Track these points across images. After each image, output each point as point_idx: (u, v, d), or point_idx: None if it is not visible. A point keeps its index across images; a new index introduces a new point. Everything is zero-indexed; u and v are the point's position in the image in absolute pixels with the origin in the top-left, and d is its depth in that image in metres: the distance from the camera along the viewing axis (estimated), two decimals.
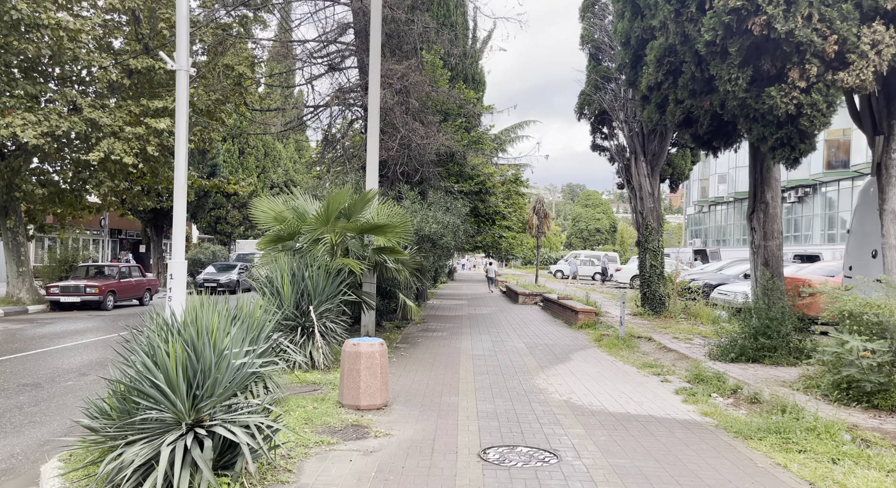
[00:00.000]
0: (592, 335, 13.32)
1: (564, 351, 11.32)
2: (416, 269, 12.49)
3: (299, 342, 8.77)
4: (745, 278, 18.28)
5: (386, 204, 11.62)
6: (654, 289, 15.09)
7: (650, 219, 15.31)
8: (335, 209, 9.69)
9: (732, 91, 6.85)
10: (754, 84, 6.83)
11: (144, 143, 16.84)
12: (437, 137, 14.23)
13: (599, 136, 16.90)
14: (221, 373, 4.42)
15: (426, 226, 13.00)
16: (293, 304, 8.85)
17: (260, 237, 10.72)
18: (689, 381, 8.37)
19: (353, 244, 10.79)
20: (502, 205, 21.51)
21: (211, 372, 4.36)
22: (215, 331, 4.53)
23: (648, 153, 15.27)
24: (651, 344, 11.64)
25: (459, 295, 28.20)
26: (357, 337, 12.62)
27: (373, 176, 12.32)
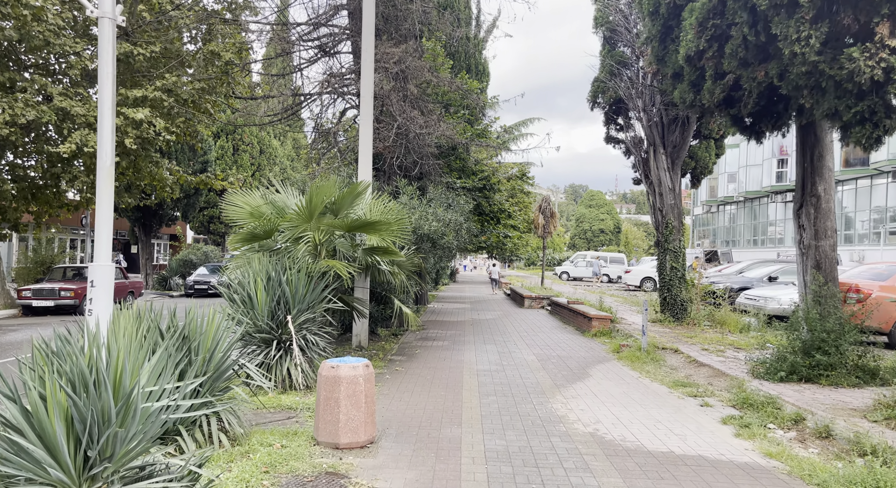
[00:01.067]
0: (610, 345, 12.01)
1: (581, 365, 10.02)
2: (414, 272, 11.20)
3: (274, 358, 7.47)
4: (771, 281, 16.96)
5: (380, 199, 10.35)
6: (675, 294, 13.78)
7: (670, 216, 14.01)
8: (320, 203, 8.41)
9: (801, 54, 5.57)
10: (828, 45, 5.56)
11: (122, 135, 15.58)
12: (438, 126, 12.94)
13: (614, 128, 15.60)
14: (127, 424, 3.13)
15: (425, 224, 11.70)
16: (267, 314, 7.56)
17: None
18: (736, 406, 7.06)
19: (341, 244, 9.51)
20: (507, 203, 20.22)
21: (111, 423, 3.07)
22: (119, 363, 3.23)
23: (668, 145, 13.96)
24: (678, 356, 10.33)
25: (462, 298, 26.91)
26: (347, 350, 11.33)
27: (366, 167, 11.03)
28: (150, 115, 15.30)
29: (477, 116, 19.09)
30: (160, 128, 15.55)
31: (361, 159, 11.04)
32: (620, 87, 14.16)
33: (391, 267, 10.05)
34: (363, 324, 11.18)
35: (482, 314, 19.07)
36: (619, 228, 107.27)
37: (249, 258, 7.89)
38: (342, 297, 9.78)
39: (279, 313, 7.65)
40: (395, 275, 9.90)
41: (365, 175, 10.96)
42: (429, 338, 13.15)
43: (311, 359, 7.77)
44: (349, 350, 11.15)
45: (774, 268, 17.31)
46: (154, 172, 18.46)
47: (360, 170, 11.02)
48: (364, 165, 11.05)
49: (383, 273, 9.69)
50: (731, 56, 6.52)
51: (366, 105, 11.03)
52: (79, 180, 16.23)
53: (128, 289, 19.46)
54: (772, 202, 43.59)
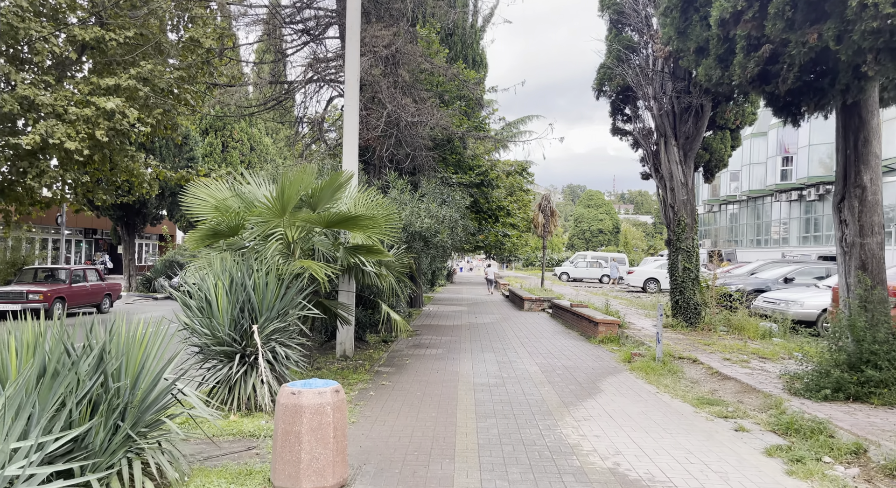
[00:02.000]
0: (620, 354, 10.96)
1: (590, 377, 8.96)
2: (404, 273, 10.14)
3: (237, 374, 6.40)
4: (787, 283, 15.94)
5: (367, 192, 9.31)
6: (688, 297, 12.74)
7: (683, 213, 12.96)
8: (294, 196, 7.34)
9: (872, 5, 4.55)
10: None
11: (93, 127, 14.50)
12: (432, 114, 11.88)
13: (621, 118, 14.56)
14: None
15: (417, 221, 10.65)
16: (229, 323, 6.50)
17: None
18: (778, 432, 6.01)
19: (321, 242, 8.44)
20: (507, 200, 19.16)
21: None
22: None
23: (681, 135, 12.92)
24: (698, 367, 9.28)
25: (459, 299, 25.86)
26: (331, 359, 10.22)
27: (351, 156, 9.98)
28: (121, 104, 14.21)
29: (474, 109, 18.05)
30: (133, 118, 14.46)
31: (346, 148, 9.98)
32: (628, 74, 13.12)
33: (378, 268, 9.00)
34: (348, 332, 10.12)
35: (480, 317, 18.01)
36: (618, 228, 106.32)
37: (210, 258, 6.82)
38: (323, 302, 8.73)
39: (243, 322, 6.58)
40: (383, 278, 8.84)
41: (350, 165, 9.91)
42: (422, 344, 12.09)
43: (281, 374, 6.70)
44: (333, 359, 10.08)
45: (790, 269, 16.28)
46: (132, 168, 17.37)
47: (344, 160, 9.97)
48: (349, 155, 9.99)
49: (369, 275, 8.63)
50: (776, 17, 5.50)
51: (351, 87, 9.97)
52: (47, 175, 15.13)
53: (104, 292, 18.36)
54: (776, 201, 42.64)
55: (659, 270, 29.08)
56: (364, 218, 7.68)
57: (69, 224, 33.17)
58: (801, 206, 39.85)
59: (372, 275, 8.62)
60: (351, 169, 10.00)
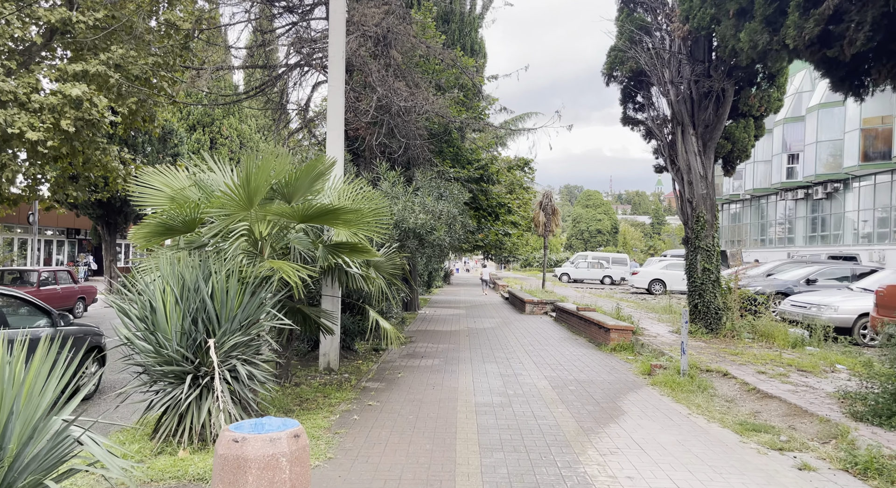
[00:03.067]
0: (636, 365, 9.83)
1: (608, 394, 7.82)
2: (396, 275, 8.99)
3: (186, 400, 5.24)
4: (809, 284, 14.83)
5: (354, 184, 8.17)
6: (708, 301, 11.61)
7: (702, 209, 11.84)
8: (263, 184, 6.18)
9: None
10: None
11: (59, 116, 13.32)
12: (427, 98, 10.72)
13: (632, 107, 13.43)
14: None
15: (411, 217, 9.50)
16: (179, 337, 5.33)
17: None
18: (853, 471, 4.88)
19: (298, 240, 7.28)
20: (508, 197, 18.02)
21: None
22: None
23: (699, 124, 11.80)
24: (729, 382, 8.14)
25: (456, 302, 24.71)
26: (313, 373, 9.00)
27: (336, 142, 8.84)
28: (88, 91, 13.03)
29: (472, 100, 16.90)
30: (102, 107, 13.29)
31: (330, 133, 8.84)
32: (641, 57, 12.00)
33: (365, 269, 7.85)
34: (332, 342, 8.97)
35: (479, 321, 16.87)
36: (617, 229, 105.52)
37: (159, 258, 5.66)
38: (302, 309, 7.57)
39: (197, 335, 5.42)
40: (371, 280, 7.68)
41: (335, 152, 8.76)
42: (417, 353, 10.94)
43: (244, 398, 5.54)
44: (315, 373, 8.93)
45: (812, 270, 15.18)
46: (106, 162, 16.18)
47: (329, 146, 8.83)
48: (334, 141, 8.85)
49: (354, 277, 7.47)
50: None
51: (335, 65, 8.83)
52: (8, 169, 13.94)
53: (76, 296, 17.15)
54: (781, 200, 41.62)
55: (665, 271, 28.00)
56: (347, 211, 6.53)
57: (51, 223, 31.92)
58: (808, 205, 38.82)
59: (357, 278, 7.47)
60: (335, 156, 8.85)
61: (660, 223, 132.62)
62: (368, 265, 8.33)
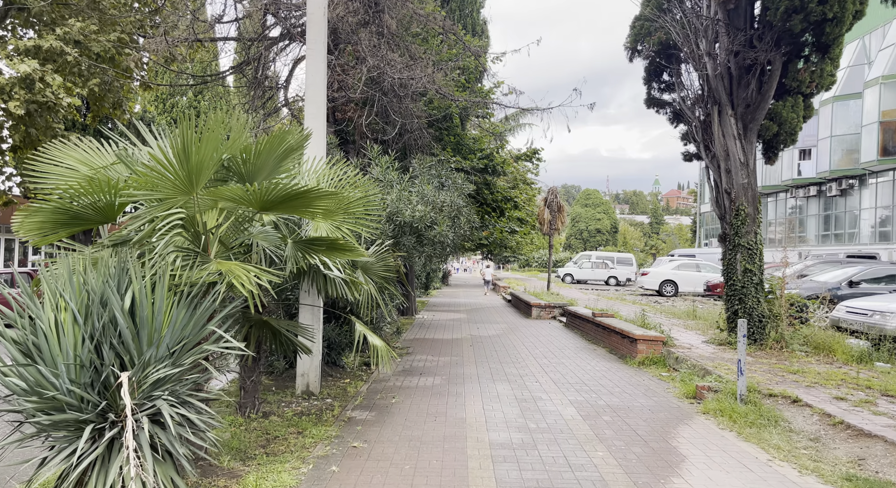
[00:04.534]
0: (677, 385, 8.28)
1: (655, 428, 6.26)
2: (390, 279, 7.42)
3: (87, 460, 3.64)
4: (852, 287, 13.29)
5: (337, 166, 6.62)
6: (750, 307, 10.05)
7: (742, 200, 10.28)
8: (209, 159, 4.59)
9: None
10: None
11: (7, 98, 11.71)
12: (425, 72, 9.14)
13: (658, 86, 11.88)
14: None
15: (407, 209, 7.93)
16: (77, 371, 3.74)
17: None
18: None
19: (263, 234, 5.68)
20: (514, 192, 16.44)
21: None
22: None
23: (739, 103, 10.25)
24: (804, 412, 6.57)
25: (456, 305, 23.14)
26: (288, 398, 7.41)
27: (316, 115, 7.27)
28: (40, 68, 11.43)
29: (475, 84, 15.32)
30: (56, 86, 11.68)
31: (310, 105, 7.27)
32: (672, 27, 10.44)
33: (350, 272, 6.27)
34: (312, 360, 7.38)
35: (483, 327, 15.30)
36: (616, 228, 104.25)
37: (52, 259, 4.06)
38: (271, 322, 5.99)
39: (104, 368, 3.82)
40: (357, 286, 6.09)
41: (314, 126, 7.18)
42: (414, 369, 9.36)
43: (172, 457, 3.94)
44: (291, 397, 7.35)
45: (854, 271, 13.65)
46: None
47: (307, 120, 7.26)
48: (314, 114, 7.27)
49: (334, 282, 5.88)
50: None
51: (315, 20, 7.23)
52: None
53: None
54: (791, 197, 40.14)
55: (676, 272, 26.51)
56: (323, 195, 4.92)
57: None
58: (820, 202, 37.35)
59: (338, 283, 5.88)
60: (315, 130, 7.27)
61: (658, 223, 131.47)
62: (355, 267, 6.75)
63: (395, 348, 11.37)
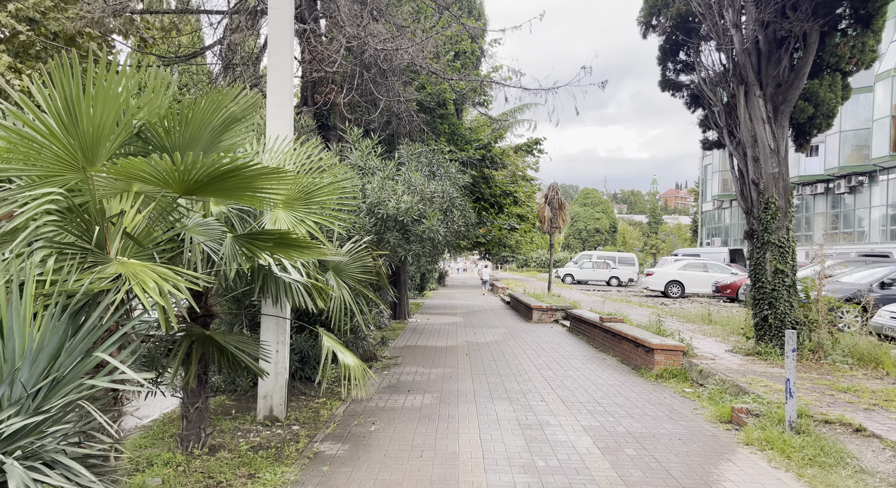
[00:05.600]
0: (705, 404, 7.10)
1: (690, 464, 5.08)
2: (368, 282, 6.22)
3: None
4: (884, 288, 12.14)
5: (306, 145, 5.45)
6: (782, 312, 8.88)
7: (772, 192, 9.11)
8: (111, 122, 3.39)
9: None
10: None
11: None
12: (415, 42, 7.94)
13: (674, 67, 10.70)
14: None
15: (391, 200, 6.74)
16: None
17: None
18: None
19: (199, 228, 4.47)
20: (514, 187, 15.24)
21: None
22: None
23: (769, 82, 9.08)
24: (872, 444, 5.39)
25: (452, 308, 21.94)
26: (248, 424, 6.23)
27: (281, 87, 6.10)
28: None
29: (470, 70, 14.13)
30: (3, 67, 10.47)
31: (273, 74, 6.08)
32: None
33: (317, 274, 5.07)
34: (276, 380, 6.19)
35: (480, 333, 14.11)
36: (615, 227, 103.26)
37: None
38: (215, 338, 4.79)
39: None
40: (320, 292, 4.89)
41: (279, 100, 6.00)
42: (401, 384, 8.16)
43: None
44: (250, 424, 6.15)
45: (885, 272, 12.49)
46: None
47: (271, 92, 6.07)
48: (279, 85, 6.08)
49: (290, 288, 4.68)
50: None
51: None
52: None
53: None
54: (798, 194, 39.02)
55: (683, 272, 25.35)
56: (265, 175, 3.70)
57: None
58: (828, 200, 36.26)
59: (295, 288, 4.68)
60: (280, 104, 6.09)
61: (657, 222, 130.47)
62: (324, 269, 5.55)
63: (381, 359, 10.18)
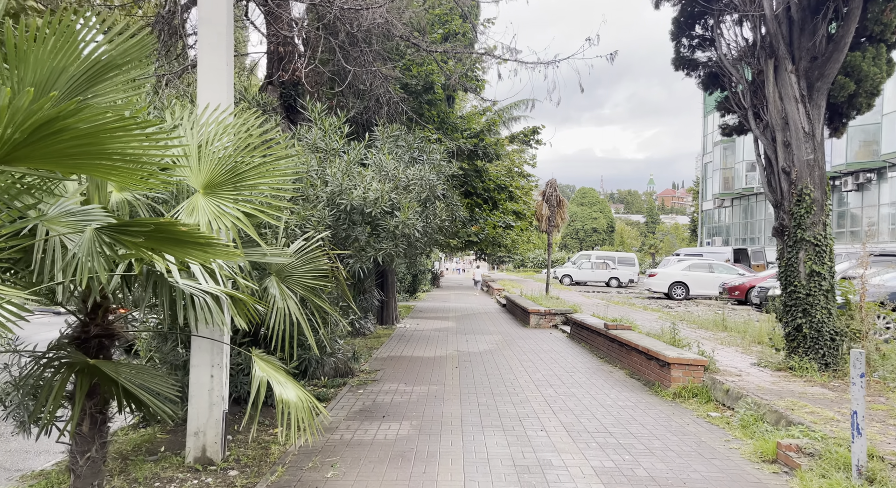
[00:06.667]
0: (740, 436, 5.87)
1: None
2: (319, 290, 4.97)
3: None
4: None
5: (246, 115, 4.22)
6: (819, 321, 7.66)
7: (807, 182, 7.89)
8: None
9: None
10: None
11: None
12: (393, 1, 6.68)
13: (688, 42, 9.48)
14: None
15: (357, 188, 5.49)
16: None
17: None
18: None
19: (62, 218, 3.18)
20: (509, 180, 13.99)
21: None
22: None
23: (803, 55, 7.87)
24: None
25: (445, 311, 20.69)
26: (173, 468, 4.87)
27: (216, 43, 4.86)
28: None
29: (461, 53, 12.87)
30: None
31: (205, 26, 4.84)
32: None
33: (249, 280, 3.83)
34: (211, 412, 4.93)
35: (473, 340, 12.87)
36: (613, 227, 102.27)
37: None
38: (102, 368, 3.52)
39: None
40: (247, 306, 3.64)
41: (212, 60, 4.75)
42: (376, 408, 6.91)
43: None
44: (174, 471, 4.89)
45: None
46: None
47: (202, 46, 4.85)
48: (211, 41, 4.83)
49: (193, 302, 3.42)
50: None
51: None
52: None
53: None
54: None
55: (687, 273, 24.16)
56: (134, 132, 2.45)
57: None
58: (834, 198, 35.12)
59: (202, 301, 3.42)
60: (213, 66, 4.85)
61: (654, 222, 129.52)
62: (263, 273, 4.31)
63: (358, 374, 8.93)
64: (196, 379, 4.91)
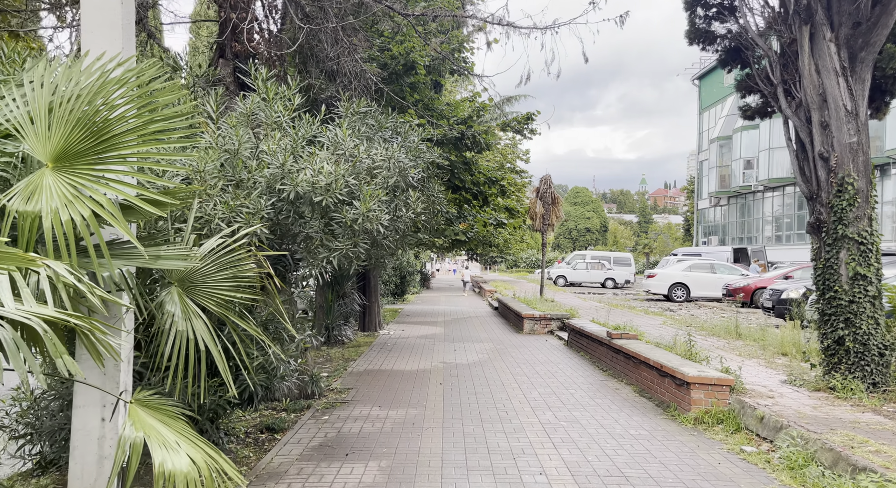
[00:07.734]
0: (792, 483, 4.68)
1: None
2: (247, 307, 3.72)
3: None
4: None
5: (146, 64, 2.94)
6: (865, 333, 6.51)
7: (849, 168, 6.73)
8: None
9: None
10: None
11: None
12: None
13: (705, 12, 8.30)
14: None
15: (302, 172, 4.24)
16: None
17: None
18: None
19: None
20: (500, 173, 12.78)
21: None
22: None
23: (844, 20, 6.71)
24: None
25: (433, 314, 19.47)
26: None
27: None
28: None
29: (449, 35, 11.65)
30: None
31: None
32: None
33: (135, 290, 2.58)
34: (98, 472, 3.67)
35: (462, 349, 11.66)
36: (606, 227, 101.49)
37: None
38: None
39: None
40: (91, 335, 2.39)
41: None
42: (339, 442, 5.68)
43: None
44: None
45: None
46: None
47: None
48: None
49: None
50: None
51: None
52: None
53: None
54: (797, 191, 36.94)
55: (688, 274, 23.06)
56: None
57: None
58: None
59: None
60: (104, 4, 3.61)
61: (647, 221, 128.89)
62: (151, 280, 3.07)
63: (325, 395, 7.69)
64: (81, 423, 3.66)
